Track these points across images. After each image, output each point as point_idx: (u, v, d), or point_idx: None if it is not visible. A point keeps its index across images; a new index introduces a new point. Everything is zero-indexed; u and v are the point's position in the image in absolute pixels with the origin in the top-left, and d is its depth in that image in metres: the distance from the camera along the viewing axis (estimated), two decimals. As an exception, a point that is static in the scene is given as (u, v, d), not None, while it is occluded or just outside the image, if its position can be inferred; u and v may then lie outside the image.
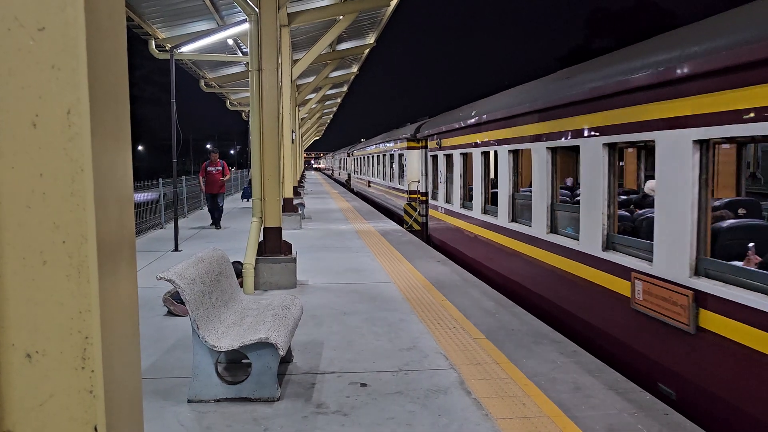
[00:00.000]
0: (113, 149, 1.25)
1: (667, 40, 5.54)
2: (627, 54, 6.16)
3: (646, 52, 5.67)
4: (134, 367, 1.37)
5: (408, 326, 6.36)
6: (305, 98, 26.48)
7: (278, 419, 4.12)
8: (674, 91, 5.04)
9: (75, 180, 1.14)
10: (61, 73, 1.13)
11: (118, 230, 1.27)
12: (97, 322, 1.16)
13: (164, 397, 4.51)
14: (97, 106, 1.17)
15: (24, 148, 1.13)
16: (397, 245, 12.25)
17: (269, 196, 8.32)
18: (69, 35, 1.12)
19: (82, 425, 1.18)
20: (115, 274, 1.25)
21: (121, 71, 1.30)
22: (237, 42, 16.23)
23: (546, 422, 4.05)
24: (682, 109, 4.96)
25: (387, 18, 18.24)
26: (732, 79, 4.40)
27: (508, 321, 6.51)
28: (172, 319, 6.71)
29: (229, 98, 25.32)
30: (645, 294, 5.35)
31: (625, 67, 5.87)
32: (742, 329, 4.25)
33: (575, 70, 7.52)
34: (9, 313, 1.14)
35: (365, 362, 5.26)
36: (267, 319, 4.68)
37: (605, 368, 5.08)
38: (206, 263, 4.80)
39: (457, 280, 8.69)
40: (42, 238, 1.14)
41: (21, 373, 1.16)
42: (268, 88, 8.29)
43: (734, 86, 4.38)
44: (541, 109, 7.77)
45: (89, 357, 1.17)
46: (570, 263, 6.97)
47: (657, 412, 4.20)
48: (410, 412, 4.23)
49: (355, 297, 7.73)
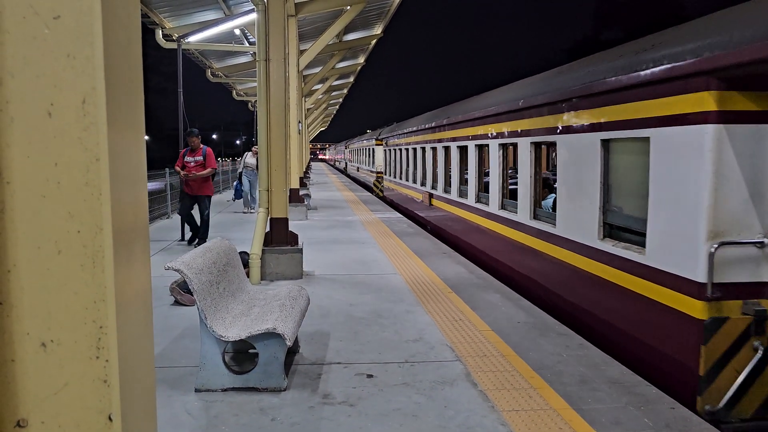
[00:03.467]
0: (128, 139, 1.25)
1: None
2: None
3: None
4: (148, 356, 1.37)
5: (414, 318, 6.36)
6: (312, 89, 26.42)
7: (285, 409, 4.14)
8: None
9: (90, 170, 1.14)
10: (76, 61, 1.12)
11: (132, 220, 1.27)
12: (112, 312, 1.16)
13: (172, 386, 4.53)
14: (113, 95, 1.16)
15: (39, 137, 1.13)
16: (402, 236, 12.25)
17: (276, 186, 8.33)
18: (84, 23, 1.12)
19: (97, 414, 1.18)
20: (129, 264, 1.25)
21: (136, 60, 1.29)
22: (244, 32, 16.19)
23: (552, 415, 4.05)
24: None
25: (394, 9, 18.14)
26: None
27: (514, 313, 6.51)
28: (179, 309, 6.74)
29: (236, 88, 25.31)
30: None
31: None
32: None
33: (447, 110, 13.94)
34: (24, 303, 1.15)
35: (371, 353, 5.27)
36: (274, 309, 4.69)
37: (611, 361, 5.07)
38: (214, 253, 4.81)
39: (468, 277, 8.69)
40: (57, 228, 1.14)
41: (36, 362, 1.16)
42: (276, 79, 8.27)
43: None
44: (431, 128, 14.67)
45: (104, 346, 1.17)
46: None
47: (663, 406, 4.20)
48: (416, 403, 4.25)
49: (362, 288, 7.74)
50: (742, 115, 4.53)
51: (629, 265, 5.53)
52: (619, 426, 3.90)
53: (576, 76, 6.75)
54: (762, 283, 4.59)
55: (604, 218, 6.10)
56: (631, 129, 5.50)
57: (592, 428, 3.87)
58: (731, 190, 4.53)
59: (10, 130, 1.12)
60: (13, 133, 1.12)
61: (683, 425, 3.91)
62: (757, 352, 4.48)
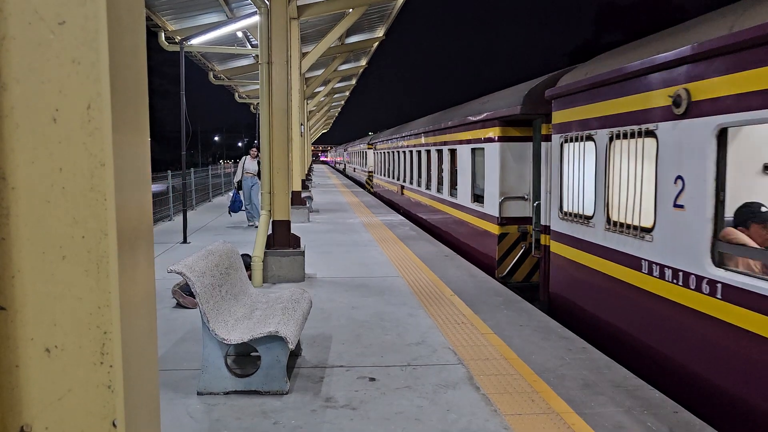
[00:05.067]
0: (133, 144, 1.24)
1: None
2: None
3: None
4: (151, 361, 1.37)
5: (416, 321, 6.36)
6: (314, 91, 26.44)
7: (287, 412, 4.14)
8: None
9: (95, 175, 1.14)
10: (81, 67, 1.12)
11: (136, 225, 1.27)
12: (116, 317, 1.16)
13: (174, 389, 4.53)
14: (118, 101, 1.16)
15: (44, 142, 1.13)
16: (404, 240, 12.24)
17: (278, 189, 8.33)
18: (90, 29, 1.12)
19: (101, 420, 1.18)
20: (133, 270, 1.24)
21: (141, 66, 1.29)
22: (246, 34, 16.21)
23: (555, 419, 4.04)
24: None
25: (396, 11, 18.17)
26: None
27: (516, 317, 6.50)
28: (181, 311, 6.74)
29: (238, 91, 25.32)
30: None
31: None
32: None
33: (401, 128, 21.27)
34: (28, 308, 1.14)
35: (374, 356, 5.27)
36: (277, 312, 4.69)
37: (613, 365, 5.06)
38: (216, 256, 4.81)
39: (470, 281, 8.68)
40: (61, 233, 1.14)
41: (39, 367, 1.16)
42: (278, 81, 8.28)
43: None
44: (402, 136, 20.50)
45: (108, 352, 1.17)
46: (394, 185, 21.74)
47: (666, 410, 4.19)
48: (419, 407, 4.24)
49: (364, 291, 7.73)
50: (511, 138, 9.58)
51: (478, 213, 10.83)
52: (622, 430, 3.89)
53: (448, 115, 14.06)
54: (525, 217, 9.56)
55: (473, 191, 11.33)
56: (475, 143, 11.03)
57: (595, 432, 3.86)
58: (508, 173, 9.54)
59: (16, 136, 1.12)
60: (18, 139, 1.12)
61: (686, 429, 3.90)
62: (522, 249, 9.56)
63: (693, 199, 4.79)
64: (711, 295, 4.54)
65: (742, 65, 4.29)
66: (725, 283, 4.38)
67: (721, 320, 4.42)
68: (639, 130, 5.57)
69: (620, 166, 5.97)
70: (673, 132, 5.06)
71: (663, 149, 5.21)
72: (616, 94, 6.04)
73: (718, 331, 4.47)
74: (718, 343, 4.48)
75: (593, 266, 6.49)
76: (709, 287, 4.56)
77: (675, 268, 5.01)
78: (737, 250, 4.53)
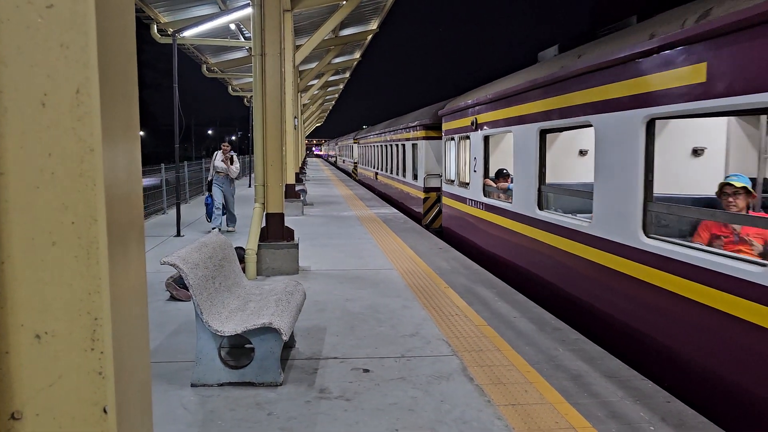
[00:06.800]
0: (123, 129, 1.24)
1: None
2: None
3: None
4: (143, 348, 1.36)
5: (410, 313, 6.37)
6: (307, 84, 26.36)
7: (281, 404, 4.14)
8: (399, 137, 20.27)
9: (84, 160, 1.13)
10: (69, 51, 1.11)
11: (127, 211, 1.26)
12: (106, 303, 1.16)
13: (168, 381, 4.53)
14: (107, 86, 1.15)
15: (32, 127, 1.12)
16: (398, 232, 12.25)
17: (272, 181, 8.31)
18: (78, 13, 1.11)
19: (91, 406, 1.18)
20: (124, 256, 1.24)
21: (130, 50, 1.28)
22: (239, 27, 16.13)
23: (548, 409, 4.06)
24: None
25: (390, 4, 18.10)
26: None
27: (509, 309, 6.52)
28: (175, 304, 6.73)
29: (231, 83, 25.21)
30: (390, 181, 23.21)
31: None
32: (379, 176, 25.43)
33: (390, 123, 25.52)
34: (18, 294, 1.14)
35: (368, 348, 5.28)
36: (270, 304, 4.69)
37: (606, 355, 5.09)
38: (210, 248, 4.80)
39: (464, 273, 8.70)
40: (51, 219, 1.13)
41: (30, 353, 1.15)
42: (271, 74, 8.25)
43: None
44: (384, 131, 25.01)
45: (98, 338, 1.16)
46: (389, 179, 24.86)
47: (659, 399, 4.22)
48: (413, 398, 4.25)
49: (358, 283, 7.74)
50: (431, 137, 15.23)
51: (413, 185, 16.70)
52: (615, 420, 3.91)
53: (401, 120, 20.24)
54: (438, 187, 14.52)
55: (413, 171, 16.88)
56: (413, 140, 16.77)
57: (587, 422, 3.88)
58: (430, 160, 15.28)
59: (4, 120, 1.11)
60: (6, 124, 1.11)
61: (678, 419, 3.93)
62: (437, 208, 14.74)
63: (479, 168, 10.26)
64: (486, 210, 9.89)
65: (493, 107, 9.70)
66: (486, 203, 9.83)
67: (485, 220, 9.95)
68: (466, 135, 11.08)
69: (461, 154, 11.66)
70: (474, 136, 10.47)
71: (472, 144, 10.66)
72: (460, 116, 11.52)
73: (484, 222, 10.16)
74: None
75: (457, 207, 11.76)
76: (483, 206, 9.97)
77: (473, 199, 10.58)
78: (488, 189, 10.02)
